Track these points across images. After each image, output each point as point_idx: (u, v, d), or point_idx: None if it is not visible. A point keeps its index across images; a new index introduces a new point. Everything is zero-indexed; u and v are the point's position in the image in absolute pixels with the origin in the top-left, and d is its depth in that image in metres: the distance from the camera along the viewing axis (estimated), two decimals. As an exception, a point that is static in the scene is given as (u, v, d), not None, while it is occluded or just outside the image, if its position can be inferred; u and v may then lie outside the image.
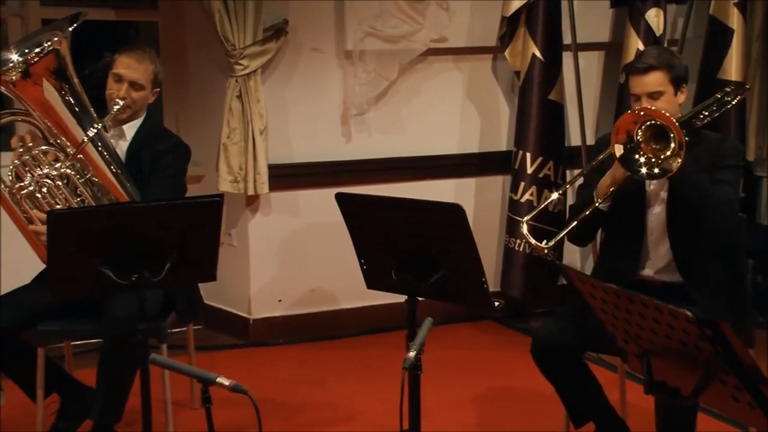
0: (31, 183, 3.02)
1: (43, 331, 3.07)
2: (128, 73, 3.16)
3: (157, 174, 3.16)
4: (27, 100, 3.02)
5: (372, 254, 2.72)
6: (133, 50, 3.22)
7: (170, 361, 2.12)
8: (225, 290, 4.28)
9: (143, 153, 3.19)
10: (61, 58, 3.01)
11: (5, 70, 2.93)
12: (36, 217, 3.03)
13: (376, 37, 4.27)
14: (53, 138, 3.06)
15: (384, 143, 4.47)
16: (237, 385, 1.95)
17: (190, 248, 2.67)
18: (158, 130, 3.34)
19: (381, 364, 4.02)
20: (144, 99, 3.22)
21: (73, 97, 3.05)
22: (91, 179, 3.09)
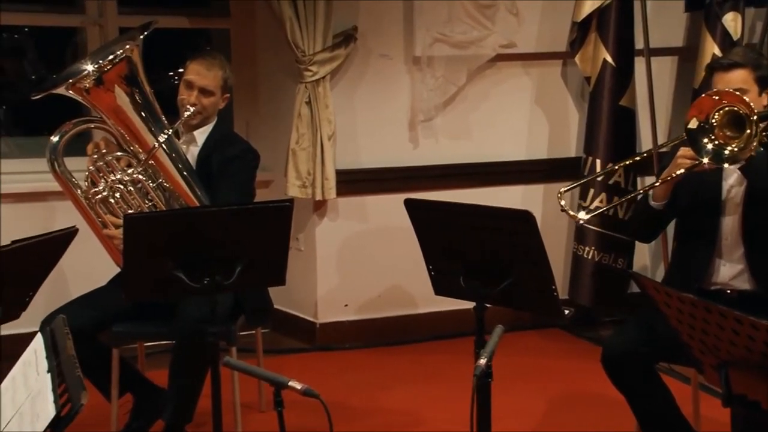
0: (105, 188, 3.09)
1: (117, 332, 3.14)
2: (198, 80, 3.21)
3: (226, 179, 3.20)
4: (100, 107, 3.09)
5: (440, 260, 2.71)
6: (203, 57, 3.27)
7: (243, 364, 2.14)
8: (292, 294, 4.32)
9: (213, 158, 3.24)
10: (133, 65, 3.08)
11: (79, 78, 3.00)
12: (109, 221, 3.10)
13: (444, 43, 4.27)
14: (126, 144, 3.14)
15: (451, 149, 4.46)
16: (309, 389, 1.96)
17: (261, 252, 2.70)
18: (228, 135, 3.39)
19: (448, 370, 4.00)
20: (214, 105, 3.27)
21: (144, 104, 3.12)
22: (162, 184, 3.16)
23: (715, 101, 2.62)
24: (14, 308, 2.38)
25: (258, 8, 4.40)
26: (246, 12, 4.46)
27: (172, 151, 3.15)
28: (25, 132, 4.98)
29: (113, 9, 4.20)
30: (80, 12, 4.20)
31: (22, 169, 4.16)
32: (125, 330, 3.16)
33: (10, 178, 4.10)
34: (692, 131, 2.64)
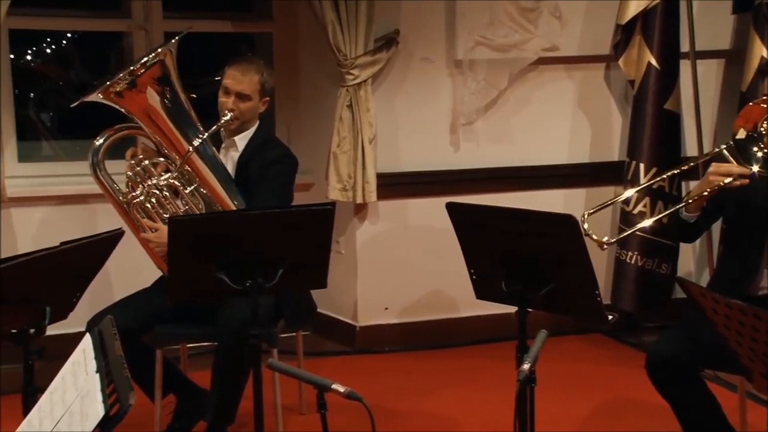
0: (142, 193, 3.13)
1: (161, 333, 3.17)
2: (234, 85, 3.22)
3: (264, 183, 3.22)
4: (134, 111, 3.12)
5: (482, 264, 2.69)
6: (238, 62, 3.28)
7: (287, 367, 2.15)
8: (332, 297, 4.33)
9: (252, 163, 3.25)
10: (166, 69, 3.10)
11: (113, 83, 3.03)
12: (146, 225, 3.14)
13: (486, 47, 4.26)
14: (163, 150, 3.17)
15: (492, 153, 4.44)
16: (352, 392, 1.96)
17: (302, 255, 2.70)
18: (268, 140, 3.39)
19: (489, 374, 3.99)
20: (252, 109, 3.27)
21: (178, 108, 3.15)
22: (198, 189, 3.18)
23: (764, 109, 2.59)
24: (62, 309, 2.41)
25: (300, 12, 4.42)
26: (288, 16, 4.49)
27: (207, 156, 3.17)
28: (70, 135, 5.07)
29: (158, 14, 4.25)
30: (126, 17, 4.26)
31: (66, 171, 4.22)
32: (168, 331, 3.19)
33: (54, 180, 4.17)
34: (741, 141, 2.62)
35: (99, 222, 4.03)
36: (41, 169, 4.26)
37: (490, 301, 2.74)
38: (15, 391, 3.58)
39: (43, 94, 5.06)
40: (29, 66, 5.00)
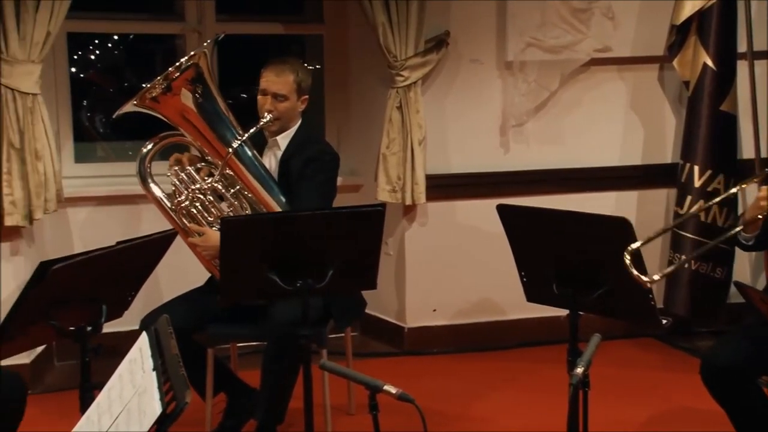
0: (187, 198, 3.17)
1: (212, 332, 3.20)
2: (270, 86, 3.24)
3: (304, 181, 3.22)
4: (170, 115, 3.15)
5: (533, 267, 2.67)
6: (274, 64, 3.29)
7: (339, 367, 2.16)
8: (381, 299, 4.34)
9: (293, 161, 3.26)
10: (201, 72, 3.12)
11: (148, 89, 3.06)
12: (193, 230, 3.17)
13: (537, 48, 4.23)
14: (205, 154, 3.20)
15: (543, 154, 4.41)
16: (404, 394, 1.96)
17: (352, 256, 2.71)
18: (309, 137, 3.37)
19: (539, 378, 3.96)
20: (291, 109, 3.28)
21: (215, 111, 3.16)
22: (242, 191, 3.21)
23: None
24: (118, 307, 2.46)
25: (351, 14, 4.44)
26: (339, 18, 4.51)
27: (247, 158, 3.19)
28: (122, 137, 5.15)
29: (212, 16, 4.30)
30: (180, 19, 4.31)
31: (117, 172, 4.29)
32: (219, 330, 3.22)
33: (107, 180, 4.24)
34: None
35: (149, 221, 4.09)
36: (96, 170, 4.34)
37: (541, 304, 2.72)
38: (71, 388, 3.68)
39: (97, 96, 5.15)
40: (84, 69, 5.09)
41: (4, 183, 3.61)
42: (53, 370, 4.08)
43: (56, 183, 3.76)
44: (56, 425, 3.29)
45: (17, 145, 3.61)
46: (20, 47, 3.54)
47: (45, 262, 2.12)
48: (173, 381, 1.46)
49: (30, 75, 3.58)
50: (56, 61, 4.09)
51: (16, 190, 3.63)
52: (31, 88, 3.60)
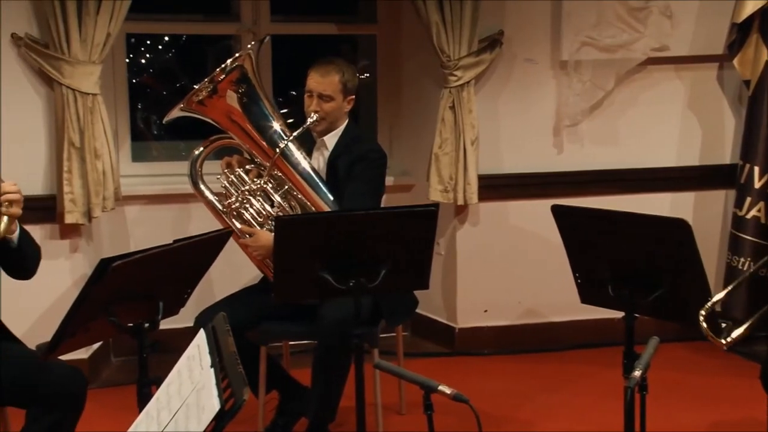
0: (237, 200, 3.20)
1: (265, 330, 3.23)
2: (316, 87, 3.25)
3: (352, 180, 3.24)
4: (217, 118, 3.18)
5: (588, 268, 2.65)
6: (319, 64, 3.30)
7: (394, 367, 2.16)
8: (432, 299, 4.34)
9: (340, 161, 3.28)
10: (246, 74, 3.14)
11: (194, 93, 3.10)
12: (243, 230, 3.20)
13: (592, 47, 4.19)
14: (253, 156, 3.23)
15: (597, 155, 4.36)
16: (458, 394, 1.95)
17: (405, 256, 2.71)
18: (356, 136, 3.38)
19: (591, 380, 3.92)
20: (337, 109, 3.29)
21: (261, 113, 3.18)
22: (290, 192, 3.23)
23: None
24: (174, 304, 2.49)
25: (404, 14, 4.44)
26: (392, 18, 4.51)
27: (295, 159, 3.21)
28: (176, 136, 5.22)
29: (266, 16, 4.34)
30: (235, 20, 4.36)
31: (172, 171, 4.35)
32: (272, 329, 3.25)
33: (162, 179, 4.30)
34: None
35: (201, 220, 4.14)
36: (153, 169, 4.41)
37: (596, 306, 2.69)
38: (127, 383, 3.75)
39: (151, 97, 5.23)
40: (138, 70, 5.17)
41: (65, 181, 3.69)
42: (110, 366, 4.16)
43: (114, 181, 3.82)
44: (113, 419, 3.35)
45: (77, 144, 3.69)
46: (81, 48, 3.62)
47: (105, 259, 2.16)
48: (231, 378, 1.48)
49: (90, 75, 3.66)
50: (115, 62, 4.16)
51: (76, 188, 3.71)
52: (91, 89, 3.67)
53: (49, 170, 3.80)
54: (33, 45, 3.65)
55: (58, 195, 3.73)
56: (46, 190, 3.80)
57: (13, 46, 3.69)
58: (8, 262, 2.58)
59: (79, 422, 2.55)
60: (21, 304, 3.45)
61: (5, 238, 2.47)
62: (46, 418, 2.45)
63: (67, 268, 3.87)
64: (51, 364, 2.43)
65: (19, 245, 2.53)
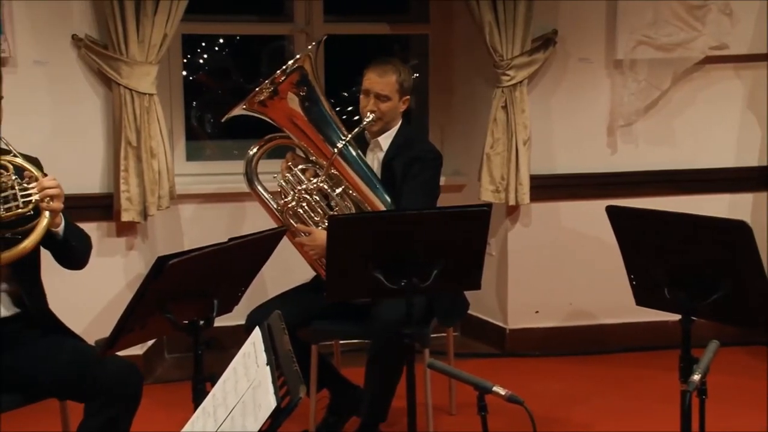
0: (293, 199, 3.21)
1: (317, 329, 3.25)
2: (373, 87, 3.26)
3: (408, 181, 3.24)
4: (278, 118, 3.19)
5: (643, 270, 2.60)
6: (376, 64, 3.31)
7: (448, 367, 2.16)
8: (482, 299, 4.32)
9: (396, 161, 3.28)
10: (306, 75, 3.15)
11: (256, 92, 3.12)
12: (299, 230, 3.22)
13: (649, 46, 4.13)
14: (310, 155, 3.24)
15: (652, 155, 4.30)
16: (513, 395, 1.94)
17: (457, 256, 2.70)
18: (411, 137, 3.39)
19: (645, 384, 3.86)
20: (393, 109, 3.29)
21: (319, 113, 3.19)
22: (347, 191, 3.24)
23: None
24: (228, 302, 2.51)
25: (457, 13, 4.43)
26: (445, 18, 4.50)
27: (352, 158, 3.22)
28: (230, 136, 5.27)
29: (319, 17, 4.36)
30: (288, 20, 4.39)
31: (226, 170, 4.40)
32: (324, 327, 3.26)
33: (216, 178, 4.35)
34: None
35: (254, 219, 4.18)
36: (206, 168, 4.46)
37: (651, 308, 2.65)
38: (180, 379, 3.81)
39: (208, 96, 5.29)
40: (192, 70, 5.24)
41: (122, 180, 3.76)
42: (163, 362, 4.22)
43: (169, 180, 3.88)
44: (168, 414, 3.40)
45: (134, 144, 3.75)
46: (139, 49, 3.67)
47: (162, 256, 2.18)
48: (287, 376, 1.49)
49: (147, 76, 3.72)
50: (171, 62, 4.22)
51: (132, 186, 3.77)
52: (148, 89, 3.73)
53: (107, 169, 3.87)
54: (92, 46, 3.72)
55: (115, 193, 3.80)
56: (104, 189, 3.87)
57: (74, 47, 3.76)
58: (57, 254, 2.64)
59: (135, 417, 2.59)
60: (78, 299, 3.53)
61: (51, 232, 2.52)
62: (104, 412, 2.50)
63: (122, 265, 3.94)
64: (108, 359, 2.47)
65: (65, 238, 2.58)
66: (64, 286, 2.88)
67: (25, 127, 3.59)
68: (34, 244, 2.48)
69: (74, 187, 3.58)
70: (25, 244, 2.46)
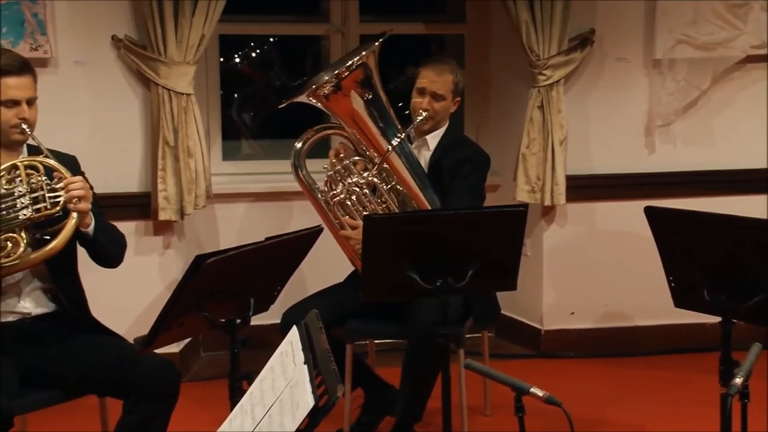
0: (342, 191, 3.22)
1: (351, 328, 3.25)
2: (430, 85, 3.26)
3: (457, 182, 3.24)
4: (338, 112, 3.21)
5: (683, 271, 2.57)
6: (433, 63, 3.32)
7: (485, 368, 2.15)
8: (517, 300, 4.29)
9: (444, 162, 3.28)
10: (369, 71, 3.17)
11: (319, 86, 3.14)
12: (347, 223, 3.22)
13: (688, 45, 4.09)
14: (362, 148, 3.25)
15: (690, 155, 4.26)
16: (551, 397, 1.93)
17: (493, 256, 2.69)
18: (459, 139, 3.42)
19: (683, 387, 3.82)
20: (445, 109, 3.31)
21: (379, 109, 3.21)
22: (395, 187, 3.24)
23: None
24: (265, 301, 2.53)
25: (493, 13, 4.41)
26: (481, 17, 4.49)
27: (405, 155, 3.23)
28: (269, 135, 5.31)
29: (355, 17, 4.37)
30: (325, 21, 4.41)
31: (264, 170, 4.43)
32: (359, 327, 3.26)
33: (253, 178, 4.38)
34: None
35: (294, 218, 4.20)
36: (241, 167, 4.49)
37: (690, 310, 2.62)
38: (216, 377, 3.84)
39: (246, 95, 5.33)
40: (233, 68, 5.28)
41: (159, 179, 3.79)
42: (199, 360, 4.25)
43: (206, 180, 3.91)
44: (203, 412, 3.43)
45: (171, 143, 3.78)
46: (177, 49, 3.71)
47: (200, 255, 2.21)
48: (325, 375, 1.50)
49: (185, 76, 3.75)
50: (208, 63, 4.25)
51: (170, 186, 3.80)
52: (186, 89, 3.76)
53: (145, 168, 3.91)
54: (132, 46, 3.76)
55: (153, 193, 3.84)
56: (141, 188, 3.91)
57: (114, 48, 3.81)
58: (89, 252, 2.67)
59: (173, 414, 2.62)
60: (115, 297, 3.56)
61: (81, 232, 2.55)
62: (142, 409, 2.53)
63: (159, 263, 3.98)
64: (145, 356, 2.50)
65: (95, 237, 2.61)
66: (102, 284, 2.91)
67: (66, 126, 3.64)
68: (63, 244, 2.51)
69: (112, 186, 3.65)
70: (54, 244, 2.50)
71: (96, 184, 2.67)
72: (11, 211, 2.48)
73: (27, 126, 2.57)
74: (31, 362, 2.58)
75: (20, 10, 3.64)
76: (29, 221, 2.50)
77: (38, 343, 2.62)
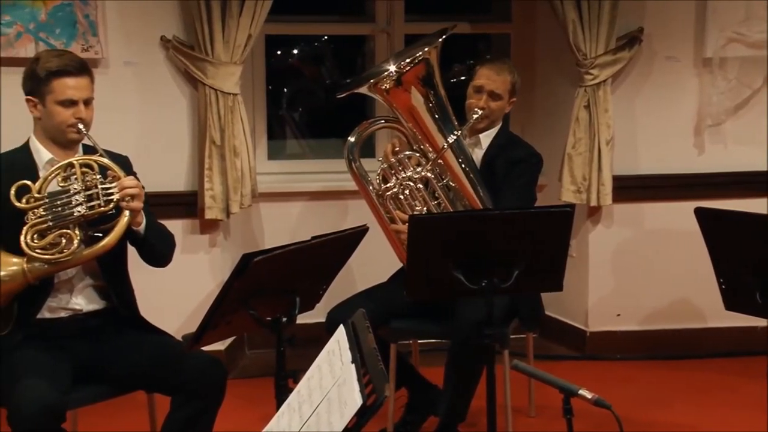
0: (396, 185, 3.21)
1: (396, 328, 3.25)
2: (488, 84, 3.25)
3: (509, 182, 3.23)
4: (397, 106, 3.21)
5: (733, 274, 2.53)
6: (492, 62, 3.32)
7: (533, 369, 2.14)
8: (562, 301, 4.25)
9: (497, 161, 3.27)
10: (430, 67, 3.17)
11: (381, 78, 3.15)
12: (398, 217, 3.22)
13: (740, 43, 4.02)
14: (417, 144, 3.24)
15: (741, 156, 4.18)
16: (600, 399, 1.91)
17: (539, 257, 2.68)
18: (513, 139, 3.42)
19: (732, 390, 3.76)
20: (501, 109, 3.30)
21: (437, 105, 3.21)
22: (448, 184, 3.24)
23: None
24: (310, 300, 2.54)
25: (539, 12, 4.38)
26: (527, 16, 4.46)
27: (460, 153, 3.22)
28: (316, 135, 5.33)
29: (401, 17, 4.37)
30: (370, 20, 4.41)
31: (312, 169, 4.45)
32: (403, 326, 3.26)
33: (300, 177, 4.40)
34: None
35: (341, 217, 4.22)
36: (287, 167, 4.51)
37: (741, 313, 2.58)
38: (261, 375, 3.86)
39: (294, 94, 5.36)
40: (280, 67, 5.32)
41: (206, 178, 3.83)
42: (244, 358, 4.28)
43: (251, 179, 3.94)
44: (249, 410, 3.46)
45: (218, 143, 3.82)
46: (224, 49, 3.74)
47: (247, 254, 2.22)
48: (372, 374, 1.50)
49: (232, 76, 3.78)
50: (254, 63, 4.28)
51: (216, 185, 3.84)
52: (232, 89, 3.79)
53: (192, 167, 3.95)
54: (180, 47, 3.80)
55: (200, 191, 3.88)
56: (188, 187, 3.95)
57: (162, 48, 3.85)
58: (139, 251, 2.71)
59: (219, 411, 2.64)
60: (163, 294, 3.60)
61: (132, 230, 2.59)
62: (189, 405, 2.56)
63: (206, 261, 4.02)
64: (193, 354, 2.53)
65: (146, 236, 2.65)
66: (150, 282, 2.95)
67: (116, 126, 3.69)
68: (115, 241, 2.55)
69: (160, 185, 3.69)
70: (106, 242, 2.54)
71: (144, 182, 2.70)
72: (66, 208, 2.53)
73: (83, 126, 2.62)
74: (83, 358, 2.63)
75: (72, 11, 3.70)
76: (83, 218, 2.54)
77: (89, 339, 2.66)
